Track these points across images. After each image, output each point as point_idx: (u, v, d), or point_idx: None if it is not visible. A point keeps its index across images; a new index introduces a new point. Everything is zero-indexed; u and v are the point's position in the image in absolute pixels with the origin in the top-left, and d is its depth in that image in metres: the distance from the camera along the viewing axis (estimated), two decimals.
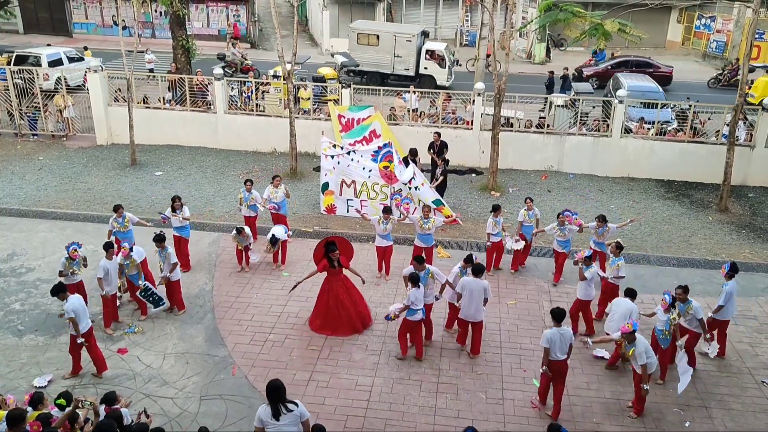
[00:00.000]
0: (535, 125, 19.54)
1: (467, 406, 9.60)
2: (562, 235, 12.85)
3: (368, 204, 15.26)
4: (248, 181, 13.91)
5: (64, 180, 17.49)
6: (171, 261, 11.43)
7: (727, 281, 10.75)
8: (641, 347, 9.00)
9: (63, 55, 25.98)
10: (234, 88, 20.88)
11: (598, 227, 12.68)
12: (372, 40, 28.39)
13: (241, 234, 12.80)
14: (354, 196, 15.44)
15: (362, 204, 15.30)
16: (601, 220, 12.65)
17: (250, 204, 13.77)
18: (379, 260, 13.11)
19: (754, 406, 9.82)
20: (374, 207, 15.07)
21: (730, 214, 16.50)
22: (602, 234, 12.74)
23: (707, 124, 20.03)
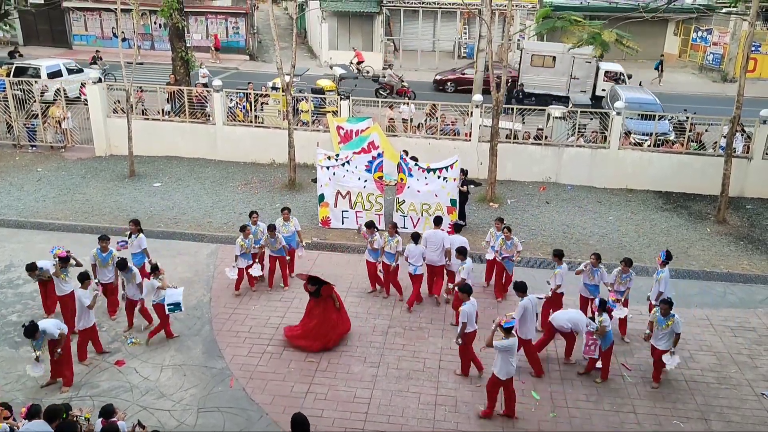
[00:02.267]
0: (534, 137, 19.60)
1: (466, 419, 9.56)
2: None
3: (363, 215, 15.29)
4: (253, 213, 13.09)
5: (62, 191, 17.48)
6: (136, 281, 11.14)
7: (662, 269, 11.42)
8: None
9: (62, 66, 26.08)
10: (233, 100, 20.94)
11: (622, 272, 11.32)
12: (547, 61, 27.61)
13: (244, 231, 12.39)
14: (349, 207, 15.45)
15: (357, 215, 15.36)
16: (627, 264, 11.25)
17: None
18: (384, 278, 12.80)
19: (754, 418, 9.79)
20: (370, 218, 14.98)
21: (728, 225, 16.52)
22: (625, 281, 11.37)
23: (704, 135, 20.11)
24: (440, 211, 15.07)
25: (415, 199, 15.17)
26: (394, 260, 12.46)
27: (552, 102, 25.28)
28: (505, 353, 9.15)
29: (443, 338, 11.47)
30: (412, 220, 15.33)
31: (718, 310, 12.74)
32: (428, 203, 15.14)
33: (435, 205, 15.13)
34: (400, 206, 15.35)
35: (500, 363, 9.22)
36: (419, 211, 15.24)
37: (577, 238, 15.48)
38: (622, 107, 18.66)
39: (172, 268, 13.61)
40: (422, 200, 15.15)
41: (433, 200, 15.11)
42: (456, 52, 39.07)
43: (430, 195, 15.08)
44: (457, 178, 15.15)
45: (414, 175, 15.07)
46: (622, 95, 22.33)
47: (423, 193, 15.08)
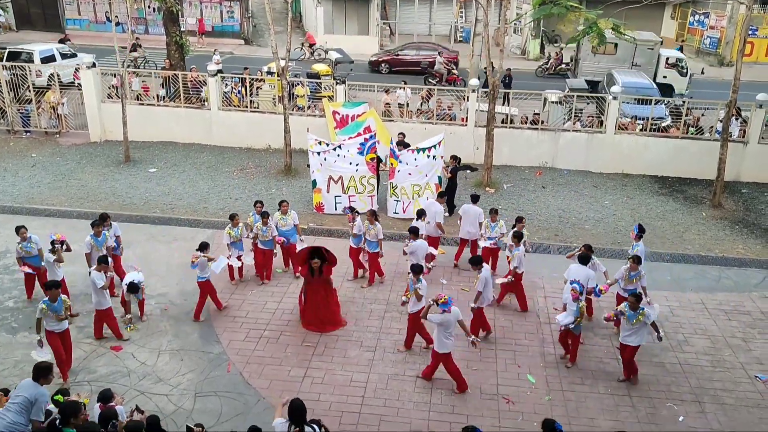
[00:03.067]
0: (530, 122, 19.57)
1: (462, 402, 9.63)
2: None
3: (356, 198, 15.41)
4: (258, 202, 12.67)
5: (57, 177, 17.41)
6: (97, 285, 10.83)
7: (637, 242, 11.63)
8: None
9: (56, 51, 25.85)
10: (228, 85, 20.82)
11: (630, 270, 10.91)
12: (609, 48, 26.74)
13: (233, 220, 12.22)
14: (342, 192, 15.46)
15: (350, 199, 15.41)
16: (635, 261, 10.88)
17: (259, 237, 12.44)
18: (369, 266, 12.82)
19: (747, 400, 9.88)
20: (362, 201, 15.34)
21: (723, 209, 16.57)
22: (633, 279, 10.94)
23: (701, 120, 20.09)
24: (429, 190, 15.29)
25: (406, 182, 15.28)
26: (377, 247, 12.43)
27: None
28: (441, 327, 9.39)
29: None
30: (403, 204, 15.47)
31: (713, 294, 12.81)
32: (419, 184, 15.30)
33: (425, 185, 15.31)
34: (394, 191, 15.41)
35: (436, 337, 9.55)
36: (410, 194, 15.36)
37: (573, 223, 15.52)
38: (619, 92, 18.62)
39: (168, 253, 13.62)
40: (413, 182, 15.26)
41: (423, 180, 15.27)
42: (452, 36, 38.83)
43: (420, 176, 15.23)
44: (443, 155, 15.37)
45: (404, 159, 15.14)
46: (618, 80, 22.28)
47: (414, 174, 15.20)
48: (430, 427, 9.09)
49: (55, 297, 9.41)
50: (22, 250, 11.50)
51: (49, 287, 9.55)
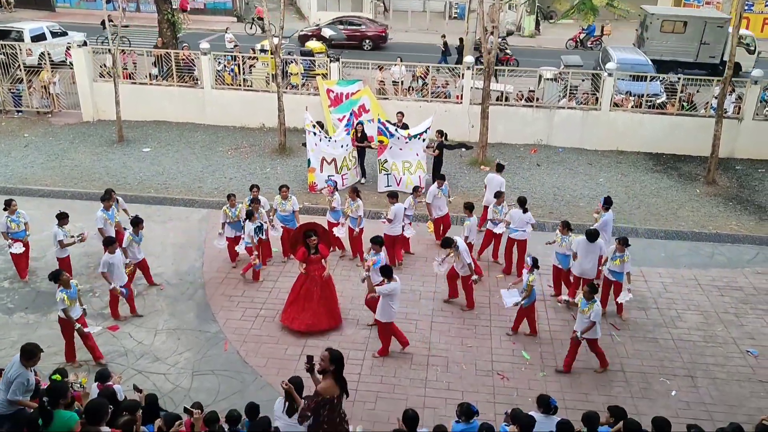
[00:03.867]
0: (525, 99, 19.50)
1: (457, 378, 9.72)
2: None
3: (348, 175, 15.73)
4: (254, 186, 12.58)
5: (50, 157, 17.31)
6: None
7: (605, 213, 11.90)
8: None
9: (46, 29, 25.54)
10: (221, 63, 20.64)
11: (616, 251, 10.82)
12: (678, 27, 26.43)
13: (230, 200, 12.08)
14: (335, 172, 15.53)
15: (343, 178, 15.60)
16: (621, 243, 10.73)
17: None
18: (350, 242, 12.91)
19: (739, 375, 10.01)
20: (352, 175, 15.84)
21: (717, 186, 16.62)
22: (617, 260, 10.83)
23: (695, 96, 20.05)
24: (421, 168, 15.55)
25: (397, 158, 15.47)
26: (357, 224, 12.43)
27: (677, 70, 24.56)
28: (387, 297, 9.56)
29: (434, 300, 11.59)
30: (395, 178, 15.60)
31: (706, 270, 12.91)
32: (409, 161, 15.51)
33: (416, 163, 15.53)
34: (383, 165, 15.58)
35: (381, 307, 9.70)
36: (401, 170, 15.54)
37: (568, 200, 15.55)
38: (614, 68, 18.55)
39: (163, 233, 13.62)
40: (403, 158, 15.48)
41: (414, 158, 15.51)
42: (447, 12, 38.48)
43: (411, 153, 15.47)
44: (434, 138, 15.58)
45: (395, 135, 15.33)
46: (613, 56, 22.17)
47: (405, 150, 15.43)
48: (426, 403, 9.18)
49: (68, 284, 9.32)
50: (10, 223, 11.50)
51: (56, 277, 9.35)
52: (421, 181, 15.39)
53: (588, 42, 32.50)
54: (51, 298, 11.23)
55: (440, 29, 35.80)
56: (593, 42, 32.52)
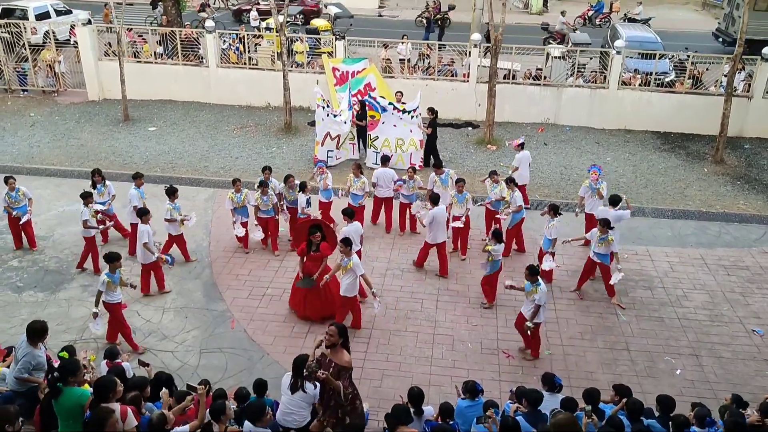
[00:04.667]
0: (532, 77, 19.33)
1: (462, 357, 9.78)
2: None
3: (343, 150, 16.06)
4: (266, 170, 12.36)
5: (56, 136, 17.33)
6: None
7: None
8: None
9: (50, 7, 25.41)
10: (226, 41, 20.52)
11: (600, 233, 10.72)
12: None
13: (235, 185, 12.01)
14: (336, 148, 15.86)
15: (338, 155, 16.01)
16: (603, 224, 10.62)
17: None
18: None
19: (744, 354, 10.02)
20: (345, 149, 16.11)
21: (725, 165, 16.51)
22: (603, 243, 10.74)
23: (705, 74, 19.82)
24: (413, 146, 15.57)
25: (390, 134, 15.55)
26: (360, 200, 12.57)
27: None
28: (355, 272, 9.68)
29: (440, 280, 11.61)
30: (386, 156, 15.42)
31: (713, 250, 12.87)
32: (402, 138, 15.54)
33: (408, 140, 15.56)
34: (372, 142, 15.67)
35: (347, 282, 9.75)
36: (393, 147, 15.56)
37: (574, 180, 15.47)
38: (623, 46, 18.34)
39: None
40: (397, 135, 15.54)
41: (407, 135, 15.54)
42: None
43: (405, 129, 15.50)
44: (425, 116, 15.62)
45: (387, 110, 15.38)
46: (622, 33, 21.91)
47: (399, 127, 15.48)
48: (432, 381, 9.25)
49: (114, 269, 9.33)
50: (9, 199, 11.63)
51: (111, 259, 9.34)
52: (412, 159, 15.51)
53: (597, 19, 32.10)
54: (59, 277, 11.39)
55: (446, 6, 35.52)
56: (602, 19, 32.13)
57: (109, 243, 12.33)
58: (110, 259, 9.34)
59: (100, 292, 9.35)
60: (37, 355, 7.16)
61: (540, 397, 6.98)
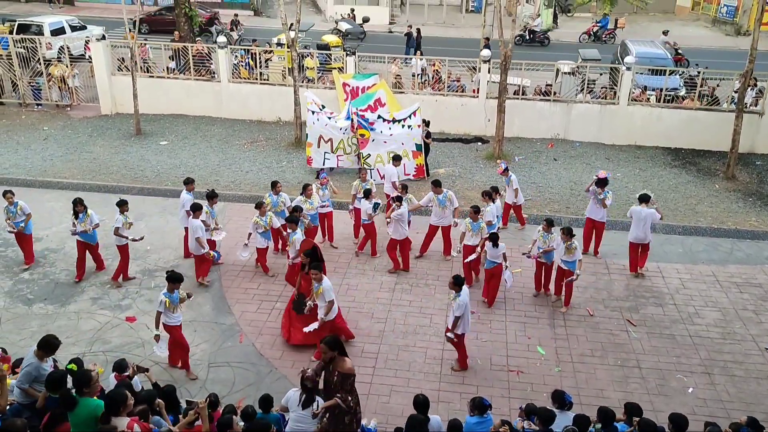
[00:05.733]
0: (542, 93, 19.36)
1: (472, 373, 9.71)
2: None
3: (344, 158, 16.08)
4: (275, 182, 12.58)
5: (69, 150, 17.49)
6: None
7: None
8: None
9: (65, 23, 25.77)
10: (236, 57, 20.71)
11: (563, 241, 10.92)
12: None
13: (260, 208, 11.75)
14: (330, 151, 16.05)
15: (338, 158, 16.06)
16: (566, 233, 10.87)
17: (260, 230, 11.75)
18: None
19: (757, 372, 9.90)
20: (350, 161, 16.06)
21: (737, 182, 16.41)
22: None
23: (717, 90, 19.78)
24: (406, 156, 15.69)
25: (382, 149, 15.65)
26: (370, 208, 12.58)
27: None
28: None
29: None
30: (379, 172, 15.58)
31: (725, 267, 12.76)
32: (395, 152, 15.51)
33: (401, 152, 15.60)
34: (365, 160, 15.72)
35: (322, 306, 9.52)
36: (386, 161, 15.55)
37: (584, 195, 15.37)
38: (633, 62, 18.34)
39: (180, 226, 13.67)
40: (389, 149, 15.56)
41: (399, 148, 15.64)
42: (464, 5, 38.27)
43: (396, 144, 15.62)
44: (420, 124, 15.76)
45: (377, 128, 15.51)
46: (632, 50, 21.93)
47: (389, 142, 15.60)
48: (440, 398, 9.18)
49: (173, 289, 9.12)
50: (7, 213, 11.74)
51: (172, 279, 9.12)
52: (406, 169, 15.66)
53: (603, 35, 32.21)
54: (69, 290, 11.45)
55: (456, 23, 35.76)
56: (607, 35, 32.25)
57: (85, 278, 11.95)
58: (172, 280, 9.09)
59: (159, 313, 9.12)
60: (42, 368, 7.19)
61: (552, 415, 6.92)
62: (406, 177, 15.56)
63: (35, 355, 7.23)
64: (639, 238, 12.11)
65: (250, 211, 13.86)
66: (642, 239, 12.11)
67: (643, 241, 12.15)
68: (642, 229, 11.99)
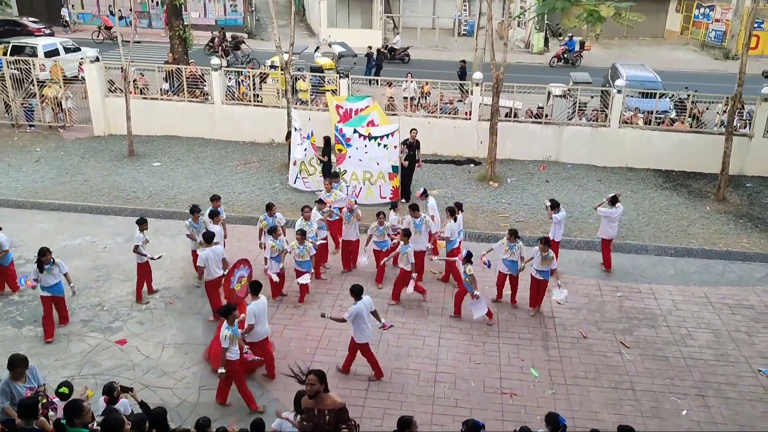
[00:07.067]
0: (534, 115, 19.53)
1: (465, 396, 9.65)
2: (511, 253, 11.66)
3: (309, 180, 16.28)
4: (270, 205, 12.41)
5: (61, 171, 17.44)
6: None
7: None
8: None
9: (59, 45, 25.87)
10: (231, 79, 20.81)
11: (541, 251, 11.20)
12: None
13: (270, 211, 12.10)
14: (298, 173, 16.61)
15: (304, 181, 16.37)
16: (543, 243, 11.17)
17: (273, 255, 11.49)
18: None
19: (751, 394, 9.88)
20: (315, 181, 16.25)
21: (727, 203, 16.52)
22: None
23: (705, 113, 20.02)
24: (382, 178, 15.69)
25: (358, 168, 15.67)
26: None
27: None
28: (356, 320, 9.55)
29: (443, 316, 11.54)
30: (354, 190, 15.70)
31: (717, 288, 12.80)
32: (370, 171, 15.65)
33: (377, 173, 15.67)
34: (342, 176, 15.70)
35: (355, 328, 9.63)
36: (361, 180, 15.69)
37: (576, 217, 15.49)
38: (623, 85, 18.55)
39: (173, 247, 13.64)
40: (364, 168, 15.65)
41: (374, 168, 15.65)
42: (456, 29, 38.71)
43: (371, 163, 15.62)
44: (397, 145, 15.70)
45: (353, 144, 15.55)
46: (623, 73, 22.19)
47: (365, 161, 15.59)
48: (434, 421, 9.12)
49: (233, 321, 8.83)
50: None
51: (228, 311, 8.80)
52: (382, 192, 15.70)
53: (570, 58, 32.75)
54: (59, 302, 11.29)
55: (449, 46, 36.12)
56: (575, 58, 32.82)
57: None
58: (228, 312, 8.80)
59: (225, 349, 8.76)
60: (15, 386, 7.24)
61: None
62: (382, 200, 15.61)
63: (10, 376, 7.30)
64: (612, 236, 13.11)
65: (242, 232, 13.96)
66: (614, 236, 13.22)
67: (614, 238, 13.29)
68: (616, 228, 13.12)
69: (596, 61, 32.50)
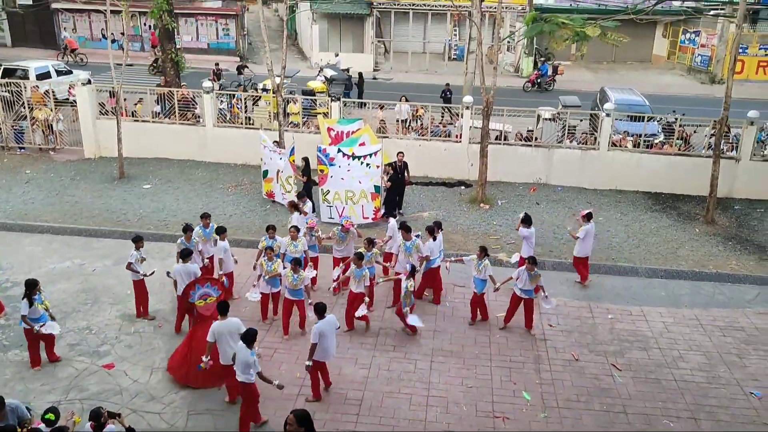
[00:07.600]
0: (524, 138, 19.67)
1: (457, 420, 9.57)
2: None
3: (287, 197, 16.11)
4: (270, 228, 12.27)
5: (51, 193, 17.36)
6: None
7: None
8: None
9: (51, 68, 25.91)
10: (223, 102, 20.88)
11: (528, 270, 11.29)
12: None
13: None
14: (279, 186, 16.77)
15: (284, 196, 16.35)
16: (531, 262, 11.40)
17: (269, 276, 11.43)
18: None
19: (743, 417, 9.86)
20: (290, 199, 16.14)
21: (716, 226, 16.64)
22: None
23: (692, 137, 20.23)
24: (364, 198, 15.73)
25: (340, 187, 15.72)
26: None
27: None
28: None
29: (434, 339, 11.48)
30: (337, 209, 15.79)
31: (708, 310, 12.82)
32: (352, 190, 15.68)
33: (359, 192, 15.70)
34: (325, 197, 15.83)
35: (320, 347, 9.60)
36: (344, 199, 15.73)
37: (567, 239, 15.50)
38: (612, 109, 18.76)
39: (162, 270, 13.52)
40: (346, 188, 15.69)
41: (357, 187, 15.67)
42: (446, 53, 39.14)
43: (354, 181, 15.64)
44: (380, 165, 15.78)
45: (336, 163, 15.61)
46: (611, 96, 22.44)
47: (347, 180, 15.63)
48: None
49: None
50: None
51: (251, 338, 8.80)
52: (364, 212, 15.74)
53: (543, 83, 33.00)
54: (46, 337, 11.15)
55: (439, 70, 36.48)
56: (547, 82, 33.09)
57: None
58: (251, 338, 8.78)
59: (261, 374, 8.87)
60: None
61: None
62: (365, 220, 15.65)
63: None
64: (587, 254, 13.47)
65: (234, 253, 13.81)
66: (589, 254, 13.54)
67: (588, 255, 13.54)
68: (592, 244, 13.52)
69: (585, 86, 32.87)
